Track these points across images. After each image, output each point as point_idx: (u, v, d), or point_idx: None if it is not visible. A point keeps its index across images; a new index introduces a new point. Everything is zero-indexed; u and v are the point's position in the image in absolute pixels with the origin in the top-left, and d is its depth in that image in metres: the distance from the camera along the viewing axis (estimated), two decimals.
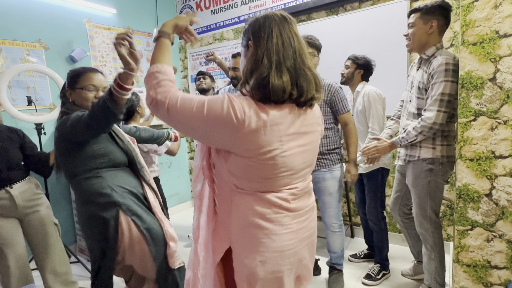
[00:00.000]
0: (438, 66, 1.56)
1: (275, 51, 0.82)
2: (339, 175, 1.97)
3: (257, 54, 0.84)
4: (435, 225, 1.74)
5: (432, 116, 1.57)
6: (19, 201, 1.71)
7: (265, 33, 0.84)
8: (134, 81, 1.22)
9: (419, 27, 1.66)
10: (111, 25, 3.21)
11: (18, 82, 2.55)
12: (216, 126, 0.79)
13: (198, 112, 0.79)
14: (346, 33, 2.68)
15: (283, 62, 0.82)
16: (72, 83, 1.36)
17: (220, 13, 3.50)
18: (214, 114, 0.78)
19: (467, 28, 1.44)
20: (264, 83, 0.80)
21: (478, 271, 1.53)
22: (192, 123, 0.81)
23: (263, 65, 0.82)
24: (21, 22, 2.56)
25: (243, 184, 0.88)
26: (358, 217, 2.87)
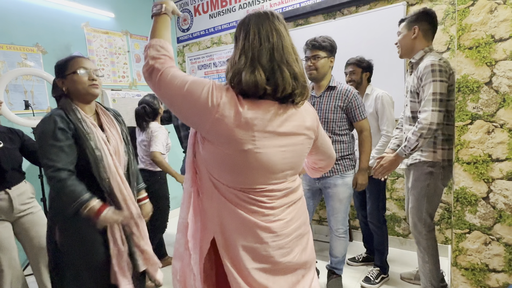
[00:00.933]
0: (424, 68, 1.59)
1: (251, 48, 0.84)
2: (350, 182, 1.94)
3: (236, 52, 0.87)
4: (428, 228, 1.75)
5: (427, 116, 1.56)
6: (16, 203, 1.71)
7: (244, 32, 0.87)
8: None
9: (404, 34, 1.74)
10: (109, 29, 3.21)
11: (15, 86, 2.54)
12: (190, 104, 0.82)
13: (180, 86, 0.83)
14: (343, 37, 2.69)
15: (257, 58, 0.84)
16: (62, 71, 1.30)
17: (218, 17, 3.52)
18: (192, 92, 0.82)
19: (463, 32, 1.45)
20: (239, 78, 0.83)
21: (476, 275, 1.53)
22: (172, 94, 0.84)
23: (239, 61, 0.84)
24: (19, 26, 2.56)
25: (218, 175, 0.89)
26: (357, 221, 2.87)
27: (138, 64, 3.52)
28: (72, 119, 1.24)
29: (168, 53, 0.89)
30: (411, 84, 1.71)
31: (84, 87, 1.29)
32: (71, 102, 1.30)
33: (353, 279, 2.24)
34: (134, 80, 3.47)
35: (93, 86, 1.31)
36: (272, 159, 0.87)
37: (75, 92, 1.30)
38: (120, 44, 3.32)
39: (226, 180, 0.89)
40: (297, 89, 0.87)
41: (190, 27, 3.78)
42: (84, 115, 1.29)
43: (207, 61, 3.69)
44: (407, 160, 1.78)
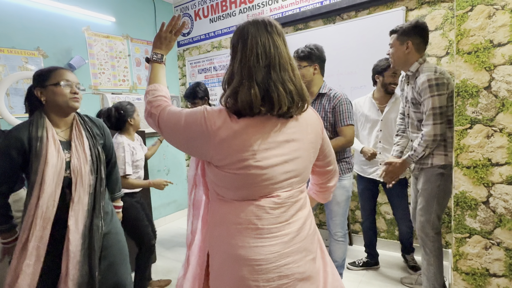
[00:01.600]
0: (422, 84, 1.63)
1: (247, 64, 0.81)
2: (348, 185, 1.93)
3: (232, 66, 0.85)
4: (436, 230, 1.75)
5: (430, 130, 1.64)
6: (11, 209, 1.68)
7: (241, 43, 0.84)
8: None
9: (397, 48, 1.75)
10: (109, 33, 3.23)
11: (16, 90, 2.55)
12: (192, 136, 0.83)
13: (178, 123, 0.85)
14: (343, 41, 2.70)
15: (254, 76, 0.81)
16: (42, 81, 1.26)
17: (218, 21, 3.54)
18: (190, 124, 0.83)
19: (461, 37, 1.46)
20: (235, 97, 0.81)
21: (477, 279, 1.53)
22: (175, 133, 0.87)
23: (236, 78, 0.82)
24: (20, 30, 2.58)
25: (222, 192, 0.89)
26: (356, 225, 2.86)
27: (139, 68, 3.53)
28: (31, 136, 1.22)
29: (162, 93, 0.95)
30: (411, 96, 1.75)
31: (65, 100, 1.27)
32: (43, 116, 1.27)
33: (352, 282, 2.23)
34: (134, 84, 3.48)
35: (74, 100, 1.29)
36: (276, 169, 0.84)
37: (54, 104, 1.28)
38: (120, 48, 3.33)
39: (231, 196, 0.87)
40: (293, 107, 0.84)
41: (191, 31, 3.80)
42: (49, 132, 1.25)
43: (207, 65, 3.71)
44: (419, 165, 1.80)
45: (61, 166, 1.24)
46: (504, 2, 1.36)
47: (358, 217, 2.84)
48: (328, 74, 2.77)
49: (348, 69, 2.72)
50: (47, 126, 1.26)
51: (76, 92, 1.30)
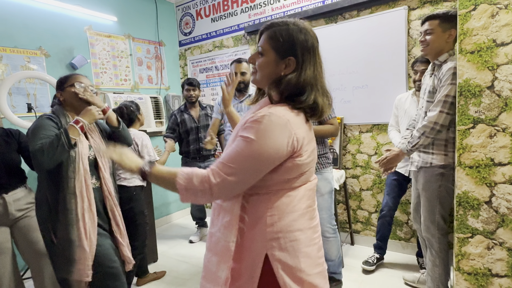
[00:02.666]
0: (448, 70, 1.57)
1: (320, 75, 0.90)
2: (330, 177, 2.00)
3: (305, 75, 0.87)
4: (442, 231, 1.74)
5: (434, 115, 1.58)
6: (11, 208, 1.69)
7: (314, 58, 0.89)
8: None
9: (438, 34, 1.65)
10: (111, 32, 3.23)
11: (18, 89, 2.56)
12: (277, 161, 0.85)
13: (257, 169, 0.83)
14: (344, 41, 2.70)
15: (323, 84, 0.91)
16: (61, 85, 1.49)
17: (220, 20, 3.54)
18: (274, 155, 0.83)
19: (464, 36, 1.46)
20: (312, 106, 0.88)
21: (479, 279, 1.53)
22: (257, 173, 0.84)
23: (310, 87, 0.88)
24: (22, 29, 2.58)
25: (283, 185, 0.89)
26: (358, 224, 2.86)
27: (140, 67, 3.53)
28: (62, 121, 1.44)
29: (188, 176, 0.85)
30: (430, 85, 1.70)
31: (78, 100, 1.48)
32: (63, 109, 1.49)
33: (354, 282, 2.23)
34: (136, 83, 3.48)
35: None
36: (315, 153, 0.95)
37: (70, 103, 1.49)
38: (122, 48, 3.34)
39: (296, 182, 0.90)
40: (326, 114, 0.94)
41: (192, 30, 3.80)
42: (69, 120, 1.46)
43: (208, 65, 3.71)
44: (418, 163, 1.78)
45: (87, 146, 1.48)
46: (507, 1, 1.36)
47: (359, 216, 2.84)
48: (330, 74, 2.77)
49: (349, 68, 2.72)
50: (69, 115, 1.49)
51: None
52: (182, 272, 2.55)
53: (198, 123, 2.95)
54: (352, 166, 2.80)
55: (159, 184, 0.90)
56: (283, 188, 0.89)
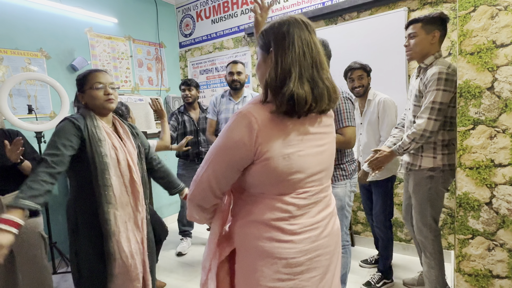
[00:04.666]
0: (432, 75, 1.60)
1: (298, 61, 0.81)
2: (341, 193, 1.70)
3: (282, 64, 0.82)
4: (434, 232, 1.74)
5: (422, 123, 1.61)
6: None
7: (289, 43, 0.82)
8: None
9: (422, 37, 1.68)
10: (112, 34, 3.24)
11: (19, 91, 2.56)
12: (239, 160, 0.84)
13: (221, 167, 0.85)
14: (344, 42, 2.70)
15: (304, 73, 0.82)
16: (81, 86, 1.38)
17: (220, 22, 3.55)
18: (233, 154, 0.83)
19: (464, 38, 1.46)
20: (290, 94, 0.79)
21: (479, 281, 1.52)
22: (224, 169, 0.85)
23: (288, 76, 0.81)
24: (23, 31, 2.59)
25: (260, 189, 0.87)
26: (358, 226, 2.86)
27: (141, 69, 3.54)
28: (88, 124, 1.31)
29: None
30: (416, 88, 1.71)
31: (100, 102, 1.36)
32: (91, 112, 1.37)
33: (355, 284, 2.23)
34: (136, 85, 3.49)
35: (109, 101, 1.37)
36: (310, 160, 0.86)
37: (93, 106, 1.38)
38: (123, 49, 3.35)
39: (267, 191, 0.86)
40: (331, 104, 0.88)
41: (192, 32, 3.81)
42: (100, 122, 1.36)
43: (209, 66, 3.71)
44: (407, 165, 1.79)
45: (124, 150, 1.38)
46: (507, 3, 1.36)
47: (360, 218, 2.84)
48: None
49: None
50: (97, 117, 1.37)
51: (109, 93, 1.37)
52: (182, 273, 2.54)
53: (198, 126, 2.89)
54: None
55: None
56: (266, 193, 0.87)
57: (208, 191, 0.87)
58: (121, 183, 1.32)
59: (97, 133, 1.30)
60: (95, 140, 1.28)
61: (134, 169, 1.39)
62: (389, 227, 2.18)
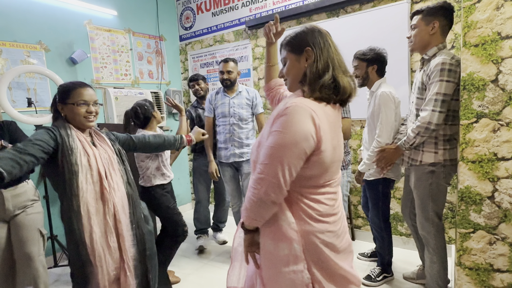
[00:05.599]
0: (435, 66, 1.57)
1: (336, 57, 0.97)
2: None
3: (321, 60, 0.95)
4: (437, 227, 1.73)
5: (426, 115, 1.58)
6: (9, 204, 1.64)
7: (323, 41, 0.97)
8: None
9: (421, 28, 1.67)
10: (111, 27, 3.21)
11: (18, 84, 2.55)
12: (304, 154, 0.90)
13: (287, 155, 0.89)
14: (346, 35, 2.67)
15: (340, 66, 0.97)
16: (63, 98, 1.37)
17: (220, 15, 3.51)
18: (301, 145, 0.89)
19: (468, 29, 1.44)
20: (333, 84, 0.93)
21: (480, 275, 1.52)
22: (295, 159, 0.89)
23: (330, 69, 0.94)
24: (22, 23, 2.56)
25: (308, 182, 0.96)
26: (359, 220, 2.86)
27: (141, 62, 3.52)
28: (62, 134, 1.30)
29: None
30: (420, 80, 1.69)
31: (80, 119, 1.37)
32: (66, 124, 1.36)
33: None
34: (136, 78, 3.47)
35: (87, 120, 1.38)
36: (338, 149, 0.99)
37: (71, 120, 1.38)
38: (122, 42, 3.32)
39: (315, 182, 0.96)
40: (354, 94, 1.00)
41: (193, 25, 3.77)
42: (74, 132, 1.35)
43: (209, 59, 3.69)
44: (408, 160, 1.78)
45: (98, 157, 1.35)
46: None
47: (360, 212, 2.83)
48: None
49: (351, 63, 2.69)
50: (71, 127, 1.36)
51: (90, 112, 1.38)
52: (183, 267, 2.55)
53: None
54: (354, 162, 2.79)
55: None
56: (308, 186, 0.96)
57: (281, 186, 0.89)
58: (92, 189, 1.31)
59: (69, 142, 1.29)
60: (66, 149, 1.28)
61: (109, 174, 1.36)
62: (385, 229, 2.11)
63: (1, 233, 1.66)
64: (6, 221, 1.68)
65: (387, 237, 2.14)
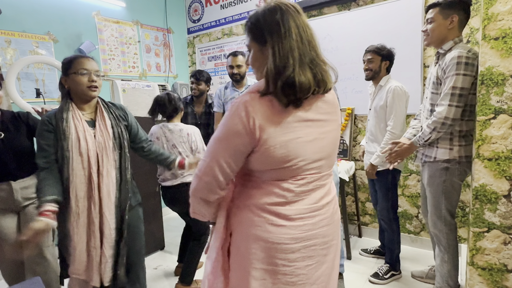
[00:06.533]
0: (451, 59, 1.52)
1: (296, 47, 0.80)
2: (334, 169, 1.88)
3: (279, 52, 0.80)
4: (449, 226, 1.69)
5: (443, 110, 1.53)
6: (17, 195, 1.62)
7: (285, 29, 0.80)
8: None
9: (439, 22, 1.61)
10: (120, 18, 3.19)
11: (27, 74, 2.55)
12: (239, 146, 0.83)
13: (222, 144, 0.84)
14: (358, 28, 2.62)
15: (304, 58, 0.80)
16: (66, 70, 1.39)
17: (229, 7, 3.47)
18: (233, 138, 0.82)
19: (488, 22, 1.38)
20: (290, 82, 0.78)
21: (493, 275, 1.48)
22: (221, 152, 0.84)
23: (288, 64, 0.79)
24: (31, 14, 2.56)
25: (259, 174, 0.88)
26: (366, 217, 2.82)
27: (148, 54, 3.50)
28: (57, 118, 1.35)
29: None
30: (434, 75, 1.64)
31: (82, 89, 1.37)
32: (68, 101, 1.39)
33: (362, 275, 2.20)
34: (144, 71, 3.45)
35: (91, 89, 1.39)
36: (307, 147, 0.84)
37: (75, 91, 1.40)
38: (130, 34, 3.30)
39: (265, 177, 0.87)
40: (327, 85, 0.85)
41: (201, 17, 3.74)
42: (73, 114, 1.37)
43: (217, 53, 3.65)
44: (422, 156, 1.74)
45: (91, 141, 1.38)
46: None
47: (368, 209, 2.80)
48: (342, 63, 2.70)
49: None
50: (73, 108, 1.39)
51: (93, 80, 1.38)
52: None
53: (200, 120, 2.80)
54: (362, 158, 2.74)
55: None
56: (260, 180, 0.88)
57: (213, 183, 0.85)
58: (82, 174, 1.36)
59: (62, 127, 1.33)
60: (59, 134, 1.33)
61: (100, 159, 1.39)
62: (394, 220, 2.13)
63: (12, 224, 1.66)
64: (16, 212, 1.68)
65: (396, 228, 2.13)
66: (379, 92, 2.09)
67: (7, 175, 1.60)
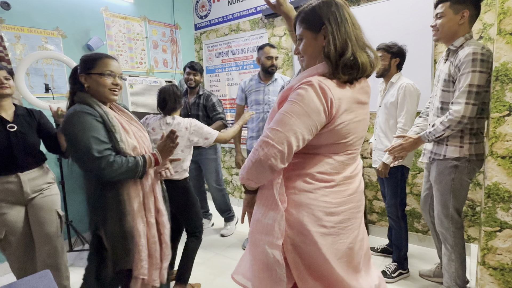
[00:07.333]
0: (465, 56, 1.48)
1: (352, 33, 0.93)
2: None
3: (338, 38, 0.92)
4: (456, 224, 1.67)
5: (460, 109, 1.49)
6: (26, 187, 1.64)
7: (341, 18, 0.93)
8: None
9: (449, 17, 1.57)
10: (128, 14, 3.19)
11: (36, 70, 2.57)
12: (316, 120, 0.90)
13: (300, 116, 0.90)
14: (367, 24, 2.54)
15: (359, 42, 0.94)
16: (88, 68, 1.30)
17: (236, 3, 3.45)
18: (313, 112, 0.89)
19: (504, 16, 1.35)
20: (353, 63, 0.91)
21: (505, 275, 1.46)
22: (298, 123, 0.90)
23: (348, 47, 0.91)
24: (40, 9, 2.57)
25: (319, 149, 0.97)
26: (374, 215, 2.80)
27: (156, 50, 3.50)
28: (99, 111, 1.26)
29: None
30: (446, 72, 1.61)
31: (105, 91, 1.30)
32: (90, 97, 1.30)
33: None
34: (151, 67, 3.46)
35: (113, 93, 1.33)
36: (360, 126, 0.99)
37: (95, 92, 1.31)
38: (138, 30, 3.30)
39: (324, 151, 0.97)
40: (374, 69, 0.98)
41: (208, 13, 3.72)
42: (104, 108, 1.30)
43: (224, 49, 3.64)
44: (430, 154, 1.71)
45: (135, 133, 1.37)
46: None
47: (375, 207, 2.78)
48: None
49: None
50: (99, 103, 1.31)
51: (117, 84, 1.33)
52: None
53: (190, 111, 2.74)
54: (370, 155, 2.72)
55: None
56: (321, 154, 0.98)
57: (284, 154, 0.89)
58: None
59: (109, 119, 1.26)
60: (108, 127, 1.25)
61: (146, 151, 1.38)
62: (402, 218, 2.11)
63: (20, 216, 1.68)
64: (24, 204, 1.70)
65: (404, 226, 2.11)
66: (390, 89, 2.08)
67: (15, 167, 1.62)
